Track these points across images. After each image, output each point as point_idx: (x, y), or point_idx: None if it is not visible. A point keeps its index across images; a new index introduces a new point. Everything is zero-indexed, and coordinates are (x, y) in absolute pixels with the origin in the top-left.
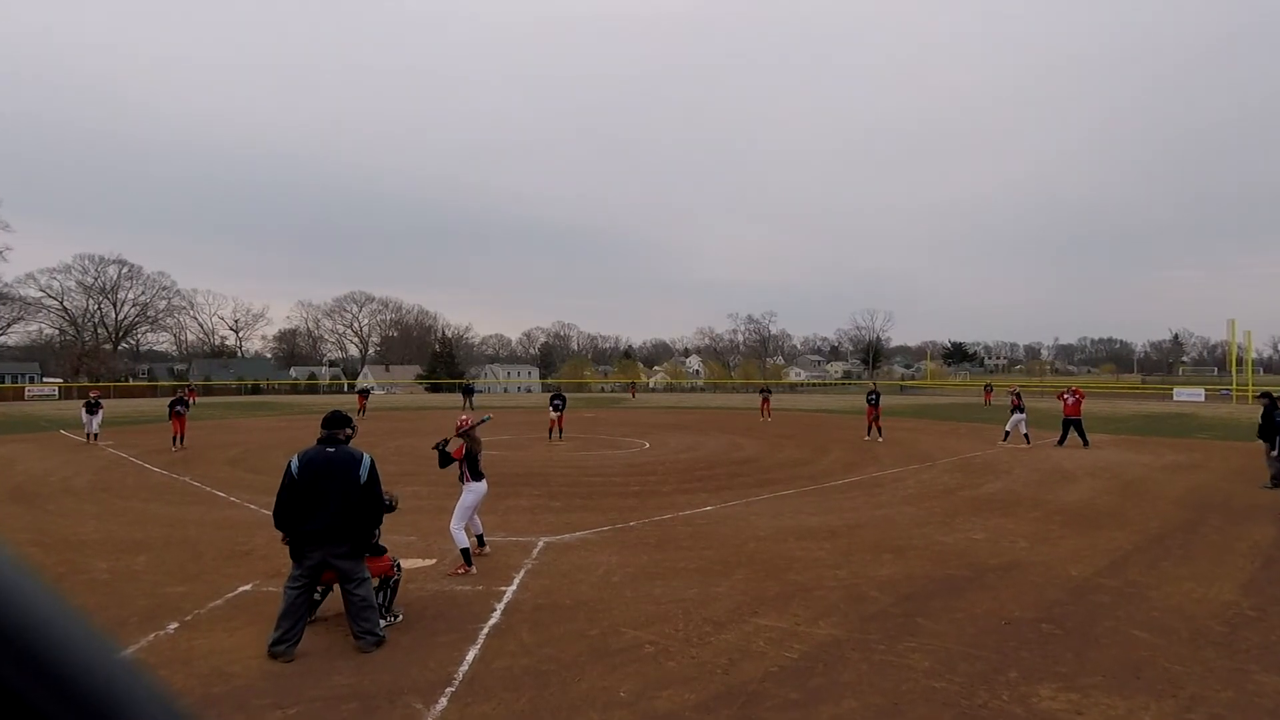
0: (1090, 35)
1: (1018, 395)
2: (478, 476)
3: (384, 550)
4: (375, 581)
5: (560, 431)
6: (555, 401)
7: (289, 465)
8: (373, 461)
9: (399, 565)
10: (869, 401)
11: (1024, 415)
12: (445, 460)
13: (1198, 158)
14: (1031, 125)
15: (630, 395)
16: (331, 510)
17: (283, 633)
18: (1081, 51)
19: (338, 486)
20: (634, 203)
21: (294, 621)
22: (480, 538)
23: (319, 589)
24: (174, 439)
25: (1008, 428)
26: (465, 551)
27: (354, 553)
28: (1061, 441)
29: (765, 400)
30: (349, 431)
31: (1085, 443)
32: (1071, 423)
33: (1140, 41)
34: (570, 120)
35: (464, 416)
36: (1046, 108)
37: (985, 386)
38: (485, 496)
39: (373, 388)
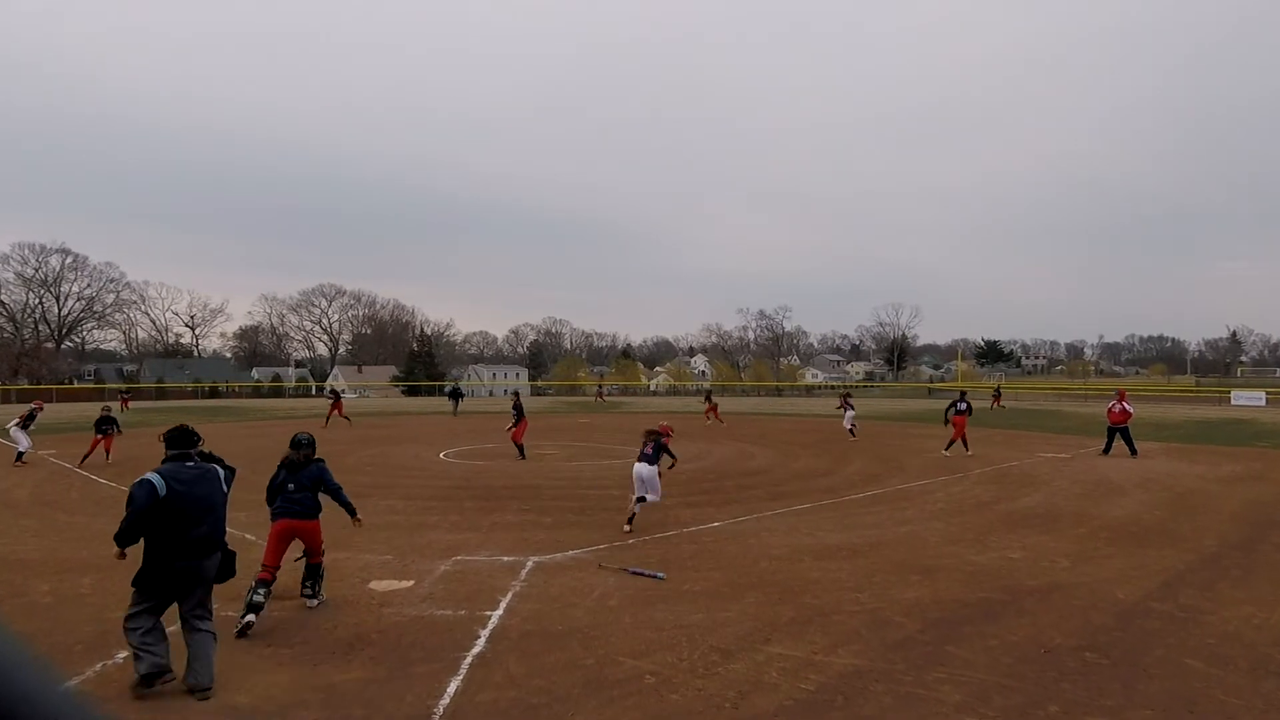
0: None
1: (847, 394)
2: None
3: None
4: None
5: (518, 447)
6: (514, 410)
7: (146, 483)
8: (228, 471)
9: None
10: (959, 410)
11: (852, 411)
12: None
13: (1253, 135)
14: (1069, 98)
15: (598, 399)
16: (207, 523)
17: (154, 659)
18: (1123, 17)
19: (208, 502)
20: (632, 188)
21: (157, 640)
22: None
23: (263, 591)
24: (105, 453)
25: (846, 424)
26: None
27: (220, 575)
28: (1106, 450)
29: (712, 406)
30: (201, 449)
31: (1133, 451)
32: (1117, 430)
33: (1186, 6)
34: (560, 98)
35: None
36: (1086, 77)
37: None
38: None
39: (342, 390)
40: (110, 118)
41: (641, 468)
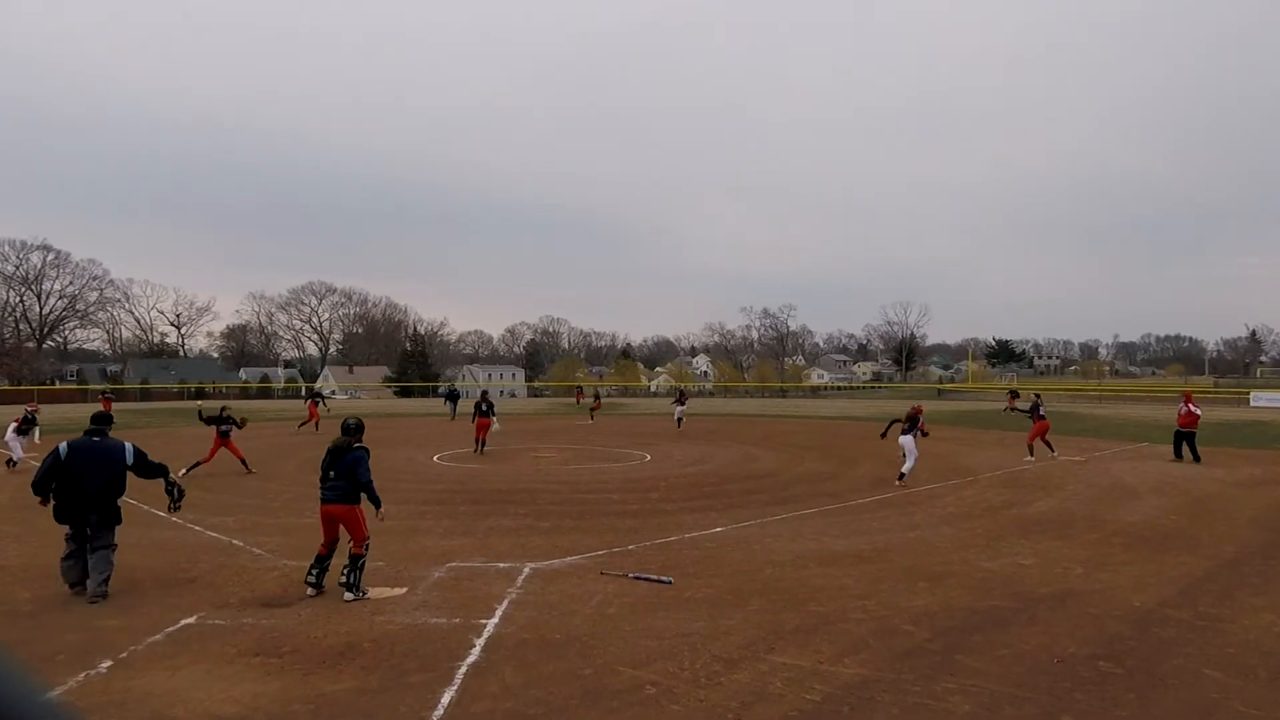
0: None
1: (681, 392)
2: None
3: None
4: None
5: (480, 444)
6: (482, 405)
7: (55, 448)
8: (135, 447)
9: (368, 545)
10: (1041, 415)
11: (683, 407)
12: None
13: (1270, 130)
14: (1080, 91)
15: (577, 401)
16: (97, 482)
17: (67, 576)
18: (1124, 14)
19: (102, 467)
20: (633, 185)
21: (71, 567)
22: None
23: (314, 572)
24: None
25: (675, 416)
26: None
27: (106, 520)
28: (1196, 458)
29: (595, 400)
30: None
31: (1189, 457)
32: (1185, 434)
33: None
34: (560, 95)
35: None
36: (1097, 69)
37: (1010, 392)
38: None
39: (330, 392)
40: (95, 112)
41: (906, 439)
